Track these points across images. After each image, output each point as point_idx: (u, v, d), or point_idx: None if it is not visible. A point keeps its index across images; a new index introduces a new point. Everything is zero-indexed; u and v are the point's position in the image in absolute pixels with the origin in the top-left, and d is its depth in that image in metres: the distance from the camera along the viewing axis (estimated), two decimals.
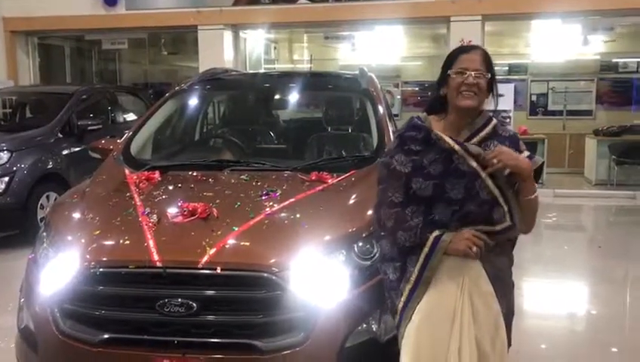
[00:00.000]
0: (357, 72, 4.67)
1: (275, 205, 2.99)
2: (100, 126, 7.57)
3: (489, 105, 2.35)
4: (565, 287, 5.58)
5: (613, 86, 11.84)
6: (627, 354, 4.08)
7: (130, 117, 8.58)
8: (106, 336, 2.63)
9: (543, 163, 2.29)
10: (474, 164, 2.20)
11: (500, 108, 2.42)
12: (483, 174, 2.18)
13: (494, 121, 2.33)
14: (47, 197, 6.80)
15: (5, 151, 6.56)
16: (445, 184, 2.20)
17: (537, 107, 12.04)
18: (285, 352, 2.55)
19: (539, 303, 5.17)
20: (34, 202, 6.63)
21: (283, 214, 2.96)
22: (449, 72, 2.28)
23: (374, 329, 2.69)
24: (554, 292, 5.44)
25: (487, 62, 2.28)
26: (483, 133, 2.29)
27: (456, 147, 2.23)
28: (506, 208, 2.20)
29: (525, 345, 4.01)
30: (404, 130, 2.37)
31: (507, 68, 12.09)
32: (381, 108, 4.08)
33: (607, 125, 10.54)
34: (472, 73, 2.22)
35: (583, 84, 11.89)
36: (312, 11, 9.99)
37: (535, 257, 6.17)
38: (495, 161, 2.16)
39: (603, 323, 4.70)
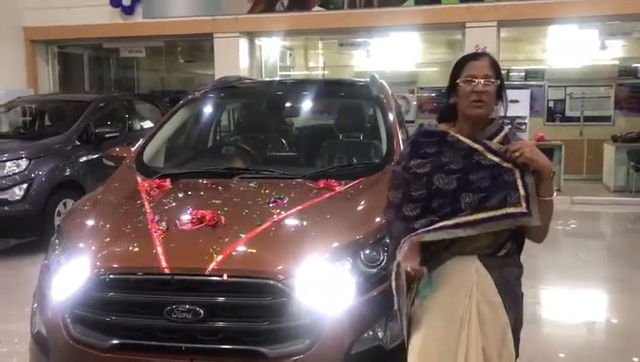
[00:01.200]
0: (368, 80, 4.69)
1: (283, 213, 3.01)
2: (117, 133, 7.68)
3: (499, 111, 2.35)
4: (583, 295, 5.52)
5: (632, 91, 11.69)
6: None
7: (147, 124, 8.68)
8: (115, 342, 2.67)
9: (554, 173, 2.27)
10: (496, 159, 2.20)
11: (516, 114, 2.41)
12: (509, 165, 2.18)
13: (506, 129, 2.33)
14: (65, 204, 6.90)
15: (24, 159, 6.68)
16: (469, 177, 2.19)
17: (554, 113, 11.94)
18: (291, 359, 2.56)
19: (556, 311, 5.13)
20: (51, 209, 6.73)
21: (290, 222, 2.98)
22: (458, 80, 2.28)
23: (380, 336, 2.69)
24: (571, 300, 5.38)
25: (495, 68, 2.28)
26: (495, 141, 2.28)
27: (475, 145, 2.23)
28: (522, 193, 2.17)
29: (544, 354, 3.99)
30: (416, 136, 2.37)
31: (524, 74, 12.01)
32: (391, 116, 4.08)
33: (626, 131, 10.41)
34: (482, 81, 2.22)
35: (601, 90, 11.75)
36: (327, 18, 10.03)
37: (552, 265, 6.11)
38: (517, 153, 2.16)
39: (622, 332, 4.64)
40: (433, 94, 12.69)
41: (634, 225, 8.65)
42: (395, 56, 11.72)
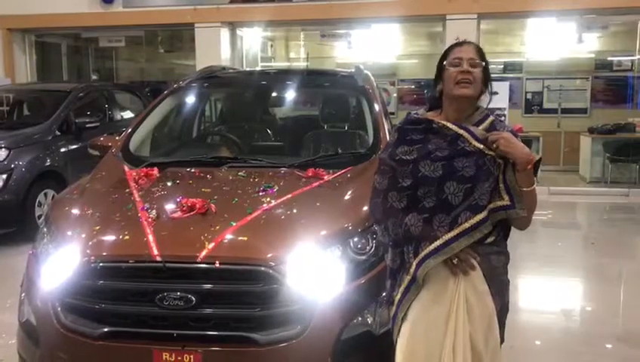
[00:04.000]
0: (353, 70, 4.71)
1: (272, 201, 3.03)
2: (98, 123, 7.61)
3: (484, 102, 2.39)
4: (559, 284, 5.63)
5: (608, 84, 11.90)
6: (621, 350, 4.13)
7: (128, 114, 8.63)
8: (106, 329, 2.67)
9: (540, 159, 2.31)
10: (480, 145, 2.23)
11: (495, 106, 2.45)
12: (492, 153, 2.22)
13: (491, 117, 2.36)
14: (45, 194, 6.84)
15: (3, 149, 6.59)
16: (454, 164, 2.22)
17: (532, 105, 12.10)
18: (282, 344, 2.59)
19: (533, 299, 5.22)
20: (32, 199, 6.66)
21: (280, 210, 3.00)
22: (444, 63, 2.32)
23: (370, 322, 2.74)
24: (548, 288, 5.49)
25: (481, 53, 2.33)
26: (480, 128, 2.32)
27: (461, 131, 2.26)
28: (502, 185, 2.23)
29: (520, 341, 4.05)
30: (404, 124, 2.41)
31: (502, 66, 12.15)
32: (377, 106, 4.12)
33: (602, 123, 10.59)
34: (466, 62, 2.26)
35: (577, 82, 11.95)
36: (309, 9, 10.02)
37: (530, 254, 6.22)
38: (495, 145, 2.20)
39: (597, 319, 4.75)
40: (413, 86, 12.76)
41: (609, 215, 8.84)
42: (376, 47, 11.76)
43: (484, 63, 2.30)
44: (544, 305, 5.07)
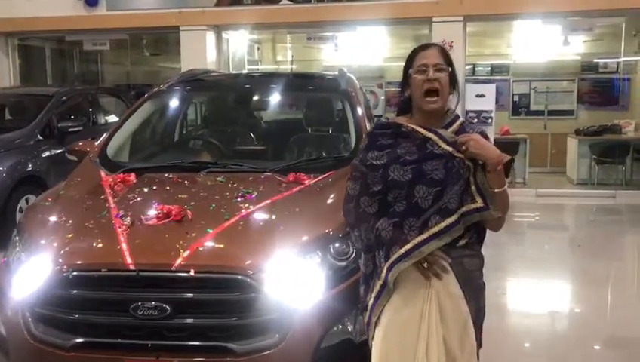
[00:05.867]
0: (337, 73, 4.67)
1: (251, 207, 2.98)
2: (81, 128, 7.49)
3: (452, 103, 2.36)
4: (547, 286, 5.62)
5: (594, 86, 11.94)
6: (609, 351, 4.13)
7: (112, 118, 8.51)
8: (79, 340, 2.62)
9: (512, 160, 2.28)
10: (449, 148, 2.22)
11: (482, 108, 2.43)
12: (461, 155, 2.20)
13: (461, 119, 2.36)
14: (27, 200, 6.71)
15: None
16: (423, 167, 2.21)
17: (519, 107, 12.12)
18: (260, 354, 2.54)
19: (521, 302, 5.21)
20: (13, 205, 6.53)
21: (258, 216, 2.96)
22: (410, 71, 2.31)
23: (350, 329, 2.70)
24: (536, 291, 5.47)
25: (445, 56, 2.31)
26: (449, 131, 2.30)
27: (429, 134, 2.25)
28: (474, 188, 2.21)
29: (508, 344, 4.05)
30: (373, 129, 2.42)
31: (489, 68, 12.16)
32: (359, 109, 4.09)
33: (588, 125, 10.63)
34: (432, 68, 2.24)
35: (564, 84, 11.99)
36: (295, 12, 9.98)
37: (517, 256, 6.21)
38: (464, 147, 2.19)
39: (584, 321, 4.74)
40: (400, 89, 12.73)
41: (596, 217, 8.85)
42: (363, 50, 11.73)
43: (450, 68, 2.29)
44: (532, 307, 5.05)
